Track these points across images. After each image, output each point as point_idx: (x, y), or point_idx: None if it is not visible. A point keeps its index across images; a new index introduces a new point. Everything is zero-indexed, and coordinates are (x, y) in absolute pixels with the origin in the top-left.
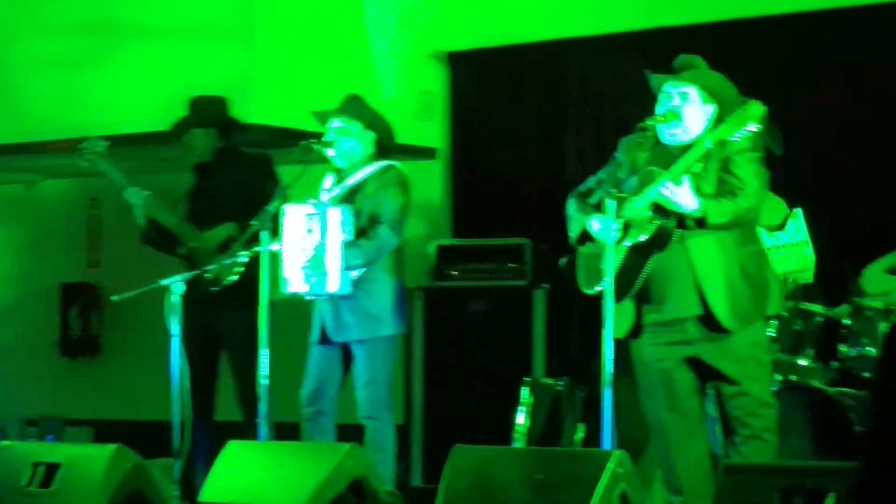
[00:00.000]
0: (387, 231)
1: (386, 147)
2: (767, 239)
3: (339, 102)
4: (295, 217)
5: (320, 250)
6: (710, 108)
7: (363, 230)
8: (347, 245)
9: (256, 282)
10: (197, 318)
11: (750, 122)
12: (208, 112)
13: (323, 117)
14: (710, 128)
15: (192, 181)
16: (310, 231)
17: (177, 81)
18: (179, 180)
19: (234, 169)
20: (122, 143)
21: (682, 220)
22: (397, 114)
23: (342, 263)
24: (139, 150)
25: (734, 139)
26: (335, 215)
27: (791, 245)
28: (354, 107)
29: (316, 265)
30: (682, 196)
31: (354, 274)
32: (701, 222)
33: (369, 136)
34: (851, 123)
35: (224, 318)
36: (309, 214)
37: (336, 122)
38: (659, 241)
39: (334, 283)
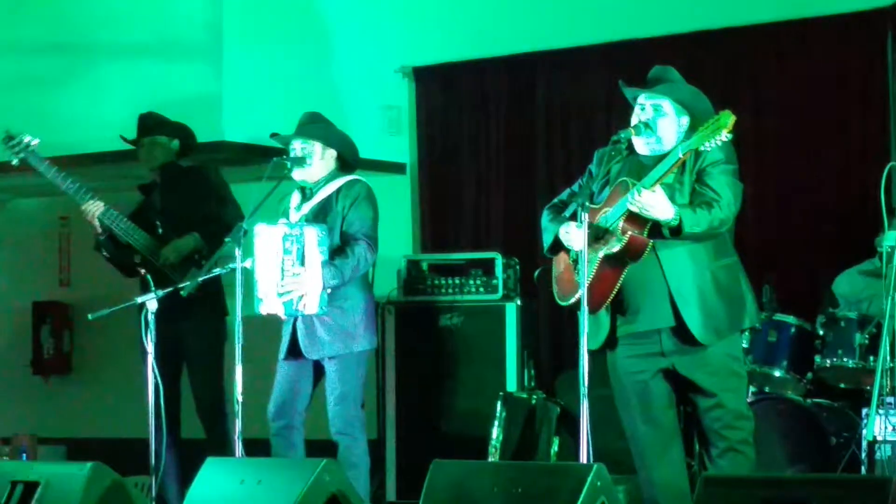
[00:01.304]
0: (364, 248)
1: (349, 161)
2: None
3: (298, 122)
4: (270, 237)
5: (296, 280)
6: (685, 121)
7: (335, 248)
8: (326, 265)
9: (217, 296)
10: (160, 331)
11: (721, 132)
12: (173, 125)
13: (283, 140)
14: (683, 138)
15: (147, 194)
16: (287, 252)
17: (145, 99)
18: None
19: (190, 185)
20: (92, 162)
21: (657, 229)
22: (364, 129)
23: (322, 284)
24: (109, 169)
25: (706, 148)
26: (312, 235)
27: None
28: (312, 128)
29: (292, 286)
30: (657, 205)
31: (328, 291)
32: (675, 231)
33: (330, 154)
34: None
35: (185, 331)
36: (286, 235)
37: (297, 143)
38: (632, 252)
39: (313, 304)
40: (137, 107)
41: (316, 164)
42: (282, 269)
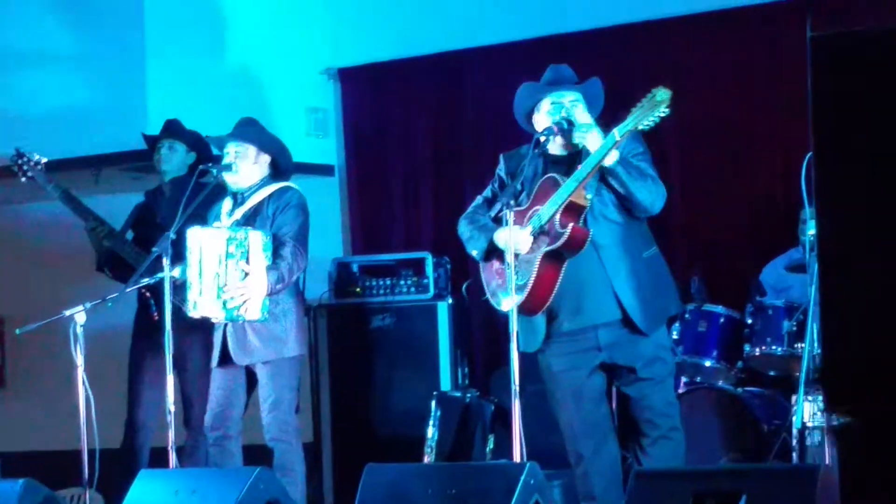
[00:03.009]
0: (292, 251)
1: (282, 167)
2: None
3: (233, 127)
4: (210, 240)
5: (241, 284)
6: (593, 114)
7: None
8: (269, 269)
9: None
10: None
11: (660, 107)
12: (193, 135)
13: (218, 142)
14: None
15: (143, 205)
16: (231, 256)
17: (69, 107)
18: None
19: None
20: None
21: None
22: (291, 132)
23: (267, 289)
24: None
25: (646, 126)
26: (257, 239)
27: None
28: (248, 130)
29: (238, 292)
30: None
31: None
32: (610, 173)
33: (264, 159)
34: (737, 124)
35: (177, 341)
36: (230, 238)
37: (231, 146)
38: (574, 244)
39: (255, 309)
40: (59, 115)
41: (248, 168)
42: (225, 273)
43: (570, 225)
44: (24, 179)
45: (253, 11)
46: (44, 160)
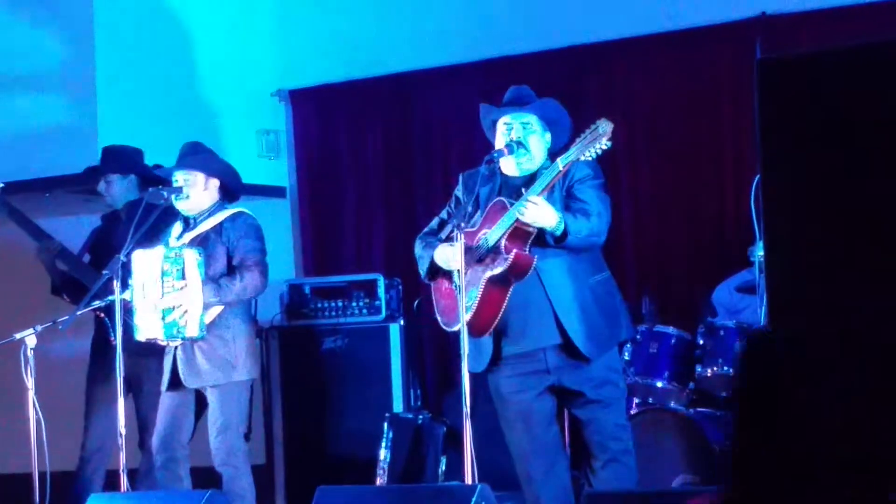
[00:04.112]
0: (254, 276)
1: (232, 189)
2: None
3: (179, 153)
4: (148, 261)
5: (177, 294)
6: (548, 136)
7: (220, 274)
8: (205, 283)
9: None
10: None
11: (601, 139)
12: (128, 160)
13: (165, 172)
14: (546, 158)
15: (100, 229)
16: (167, 273)
17: (20, 131)
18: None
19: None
20: None
21: (539, 240)
22: (242, 154)
23: (203, 302)
24: None
25: (586, 158)
26: (192, 257)
27: None
28: (194, 157)
29: (173, 310)
30: (545, 213)
31: (207, 319)
32: (559, 239)
33: (213, 183)
34: (687, 145)
35: (132, 364)
36: (165, 256)
37: (180, 175)
38: (518, 270)
39: (193, 325)
40: (10, 138)
41: (199, 194)
42: (161, 289)
43: (514, 251)
44: None
45: (204, 33)
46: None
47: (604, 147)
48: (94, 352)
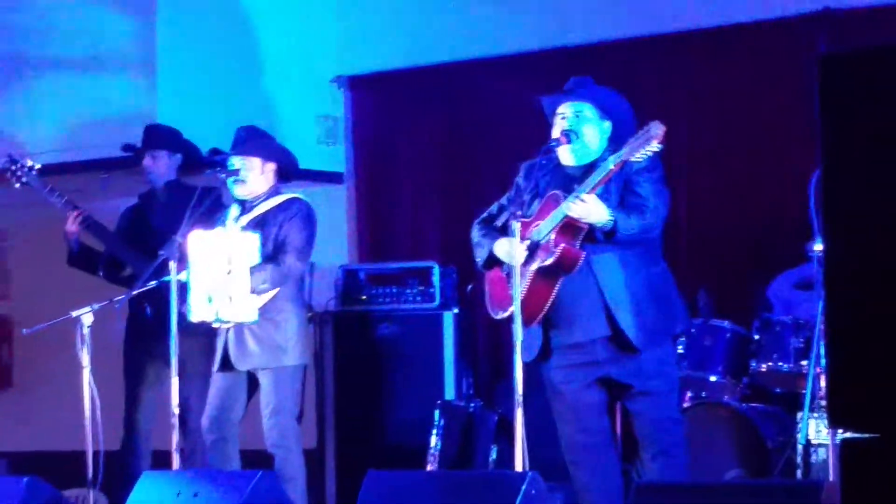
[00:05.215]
0: (292, 259)
1: (288, 174)
2: None
3: (234, 137)
4: (203, 243)
5: (228, 277)
6: (607, 125)
7: (269, 258)
8: (253, 269)
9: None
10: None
11: (652, 142)
12: (176, 139)
13: (223, 158)
14: (605, 147)
15: (137, 207)
16: (219, 256)
17: (80, 114)
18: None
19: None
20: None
21: (589, 237)
22: (300, 140)
23: (251, 288)
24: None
25: (637, 160)
26: (245, 241)
27: None
28: (252, 144)
29: (224, 292)
30: (594, 210)
31: (260, 303)
32: (610, 235)
33: (270, 167)
34: (746, 139)
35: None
36: (220, 241)
37: (236, 160)
38: (566, 265)
39: (242, 309)
40: (71, 121)
41: (255, 178)
42: (216, 271)
43: (562, 245)
44: (17, 185)
45: (265, 18)
46: (37, 165)
47: (654, 150)
48: (130, 333)
